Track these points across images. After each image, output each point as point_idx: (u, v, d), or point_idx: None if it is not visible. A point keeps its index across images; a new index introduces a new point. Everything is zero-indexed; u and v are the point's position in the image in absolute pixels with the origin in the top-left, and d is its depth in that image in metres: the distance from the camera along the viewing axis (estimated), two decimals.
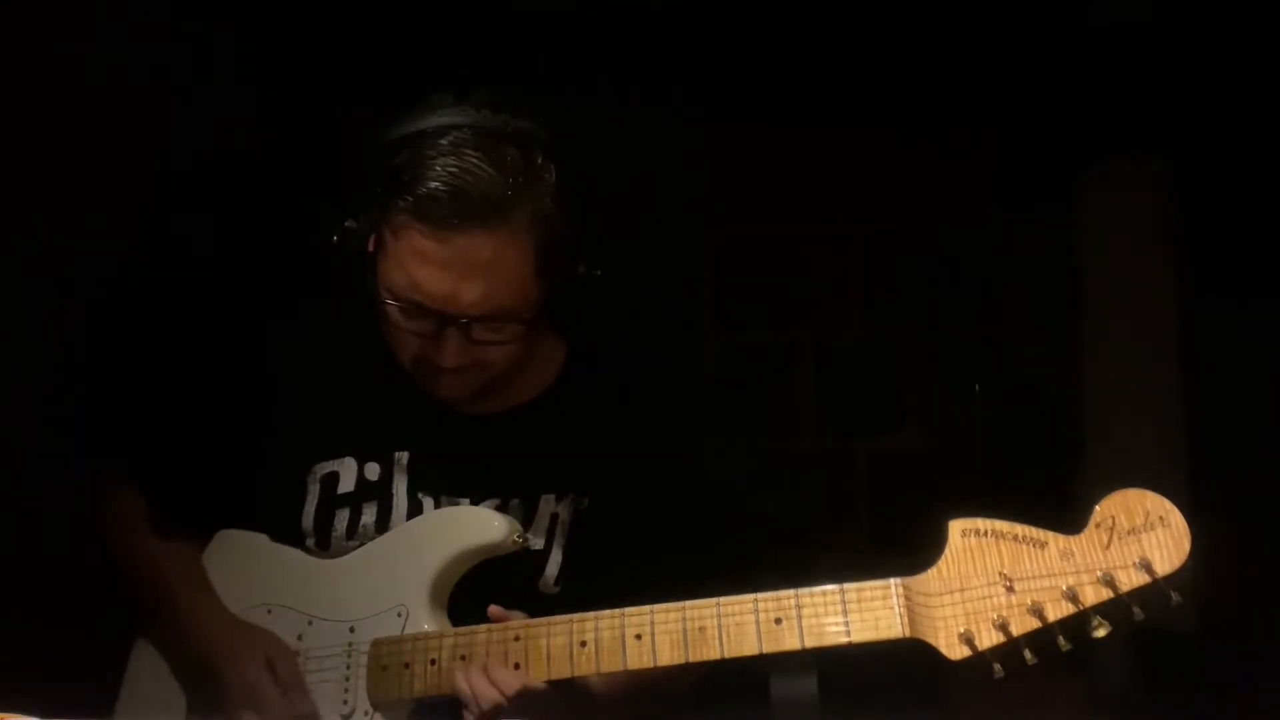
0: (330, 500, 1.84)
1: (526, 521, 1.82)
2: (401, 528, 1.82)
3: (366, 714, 1.72)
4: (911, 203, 3.51)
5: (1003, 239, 3.59)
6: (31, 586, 2.00)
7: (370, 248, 1.72)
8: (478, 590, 1.73)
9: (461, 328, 1.68)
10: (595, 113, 1.82)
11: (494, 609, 1.68)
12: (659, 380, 1.98)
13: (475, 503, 1.82)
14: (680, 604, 1.56)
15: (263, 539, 1.86)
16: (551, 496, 1.83)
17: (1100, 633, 1.37)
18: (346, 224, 1.72)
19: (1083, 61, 3.24)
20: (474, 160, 1.63)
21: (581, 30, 3.06)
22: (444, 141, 1.64)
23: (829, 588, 1.50)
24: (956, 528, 1.46)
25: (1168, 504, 1.37)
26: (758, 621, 1.52)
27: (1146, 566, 1.35)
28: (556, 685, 1.65)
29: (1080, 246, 3.54)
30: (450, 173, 1.62)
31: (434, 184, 1.62)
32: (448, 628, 1.72)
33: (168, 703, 1.84)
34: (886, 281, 3.61)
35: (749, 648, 1.53)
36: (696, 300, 3.60)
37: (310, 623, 1.79)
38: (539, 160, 1.67)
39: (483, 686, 1.63)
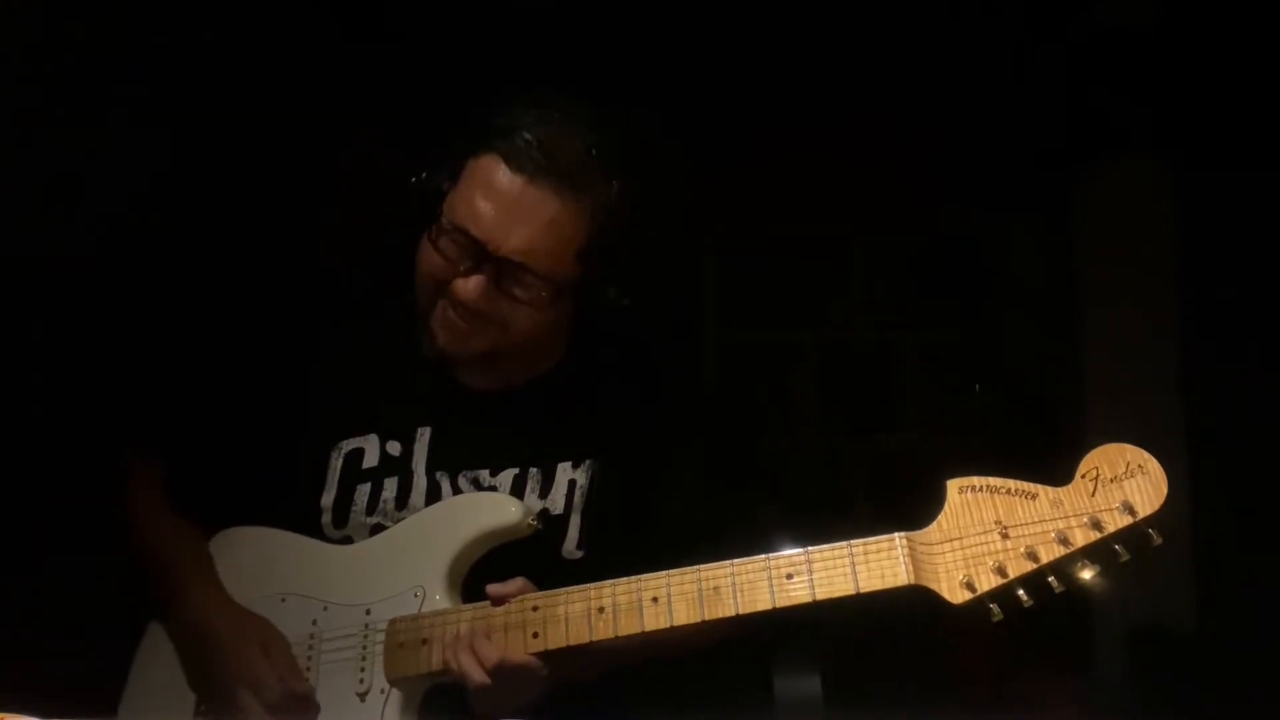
0: (352, 476, 1.96)
1: (545, 489, 1.95)
2: (418, 514, 1.93)
3: (382, 691, 1.82)
4: (912, 203, 3.54)
5: (1003, 239, 3.63)
6: (32, 586, 2.08)
7: (445, 187, 1.89)
8: (502, 560, 1.85)
9: (495, 268, 1.84)
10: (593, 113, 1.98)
11: (491, 588, 1.79)
12: (663, 345, 2.16)
13: (494, 473, 1.95)
14: (695, 568, 1.68)
15: (273, 531, 1.97)
16: (568, 464, 1.96)
17: (1087, 573, 1.53)
18: (425, 173, 1.91)
19: (1083, 61, 3.35)
20: (568, 137, 1.84)
21: (580, 31, 3.13)
22: (543, 114, 1.86)
23: (837, 544, 1.63)
24: (954, 485, 1.63)
25: (1145, 454, 1.54)
26: (770, 578, 1.65)
27: (1129, 509, 1.52)
28: (559, 663, 1.75)
29: (1080, 246, 3.59)
30: (547, 134, 1.83)
31: (530, 136, 1.82)
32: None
33: (177, 689, 1.93)
34: (886, 281, 3.65)
35: (762, 603, 1.65)
36: (696, 300, 3.64)
37: (325, 608, 1.90)
38: (608, 169, 1.87)
39: (466, 661, 1.75)
